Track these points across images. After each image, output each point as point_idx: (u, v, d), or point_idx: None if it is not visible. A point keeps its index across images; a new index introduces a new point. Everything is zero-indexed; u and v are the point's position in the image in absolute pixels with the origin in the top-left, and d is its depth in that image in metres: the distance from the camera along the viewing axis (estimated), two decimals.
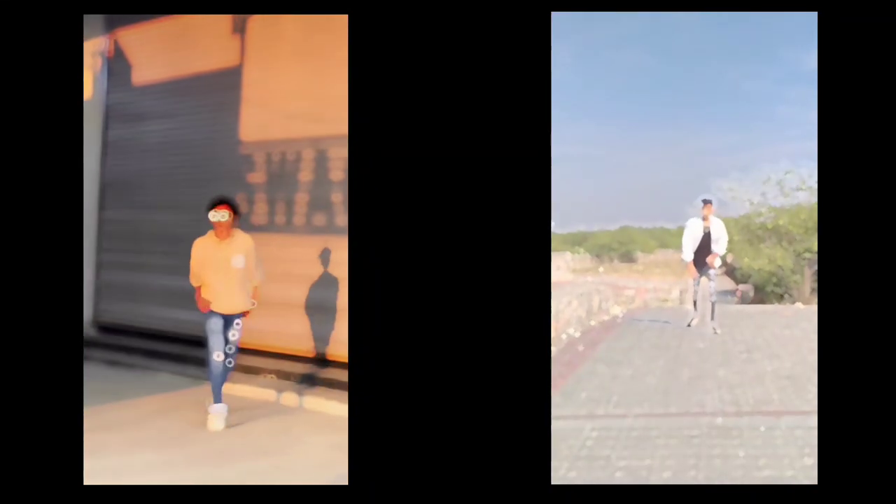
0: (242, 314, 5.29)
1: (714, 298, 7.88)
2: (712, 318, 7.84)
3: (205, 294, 5.24)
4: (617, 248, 59.52)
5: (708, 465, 3.60)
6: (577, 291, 9.17)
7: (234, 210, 5.25)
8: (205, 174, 7.78)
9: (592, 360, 6.54)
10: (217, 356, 5.19)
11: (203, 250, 5.24)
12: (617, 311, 11.39)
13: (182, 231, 7.78)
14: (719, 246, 7.93)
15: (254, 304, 5.36)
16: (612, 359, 6.55)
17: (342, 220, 6.72)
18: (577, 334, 8.28)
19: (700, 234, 7.96)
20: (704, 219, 8.01)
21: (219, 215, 5.16)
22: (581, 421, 4.43)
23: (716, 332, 7.66)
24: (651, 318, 9.76)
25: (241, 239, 5.31)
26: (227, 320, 5.23)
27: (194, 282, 5.30)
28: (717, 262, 8.05)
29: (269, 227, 7.11)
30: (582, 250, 58.40)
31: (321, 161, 6.88)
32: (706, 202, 8.04)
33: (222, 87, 7.64)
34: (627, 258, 58.78)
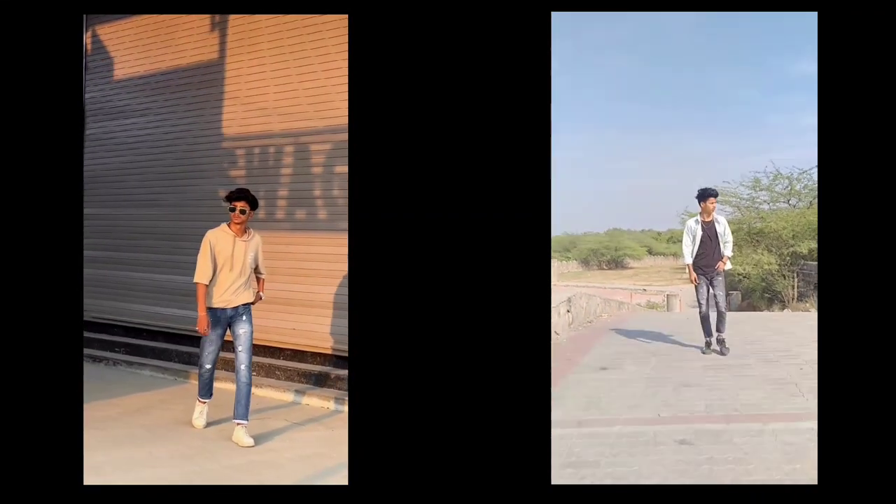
0: (251, 304, 5.09)
1: (722, 308, 6.86)
2: (719, 330, 6.91)
3: (212, 290, 4.94)
4: (606, 254, 59.96)
5: (696, 471, 3.59)
6: (564, 297, 9.16)
7: (253, 204, 5.04)
8: (185, 170, 7.74)
9: (581, 366, 6.53)
10: (207, 368, 5.10)
11: (222, 245, 4.98)
12: (606, 316, 11.40)
13: (163, 226, 7.85)
14: (728, 248, 6.87)
15: (262, 296, 5.25)
16: (601, 365, 6.54)
17: (323, 214, 6.70)
18: (566, 341, 8.27)
19: (700, 234, 6.84)
20: (705, 214, 6.87)
21: (239, 209, 4.94)
22: (569, 428, 4.41)
23: (723, 350, 6.80)
24: (640, 324, 9.78)
25: (255, 235, 5.16)
26: (233, 314, 5.01)
27: (202, 278, 4.94)
28: (728, 265, 7.00)
29: (250, 221, 7.04)
30: (570, 256, 58.79)
31: (303, 156, 6.85)
32: (707, 195, 6.83)
33: (202, 82, 7.61)
34: (617, 264, 59.19)
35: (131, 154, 8.29)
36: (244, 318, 5.03)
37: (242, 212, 4.97)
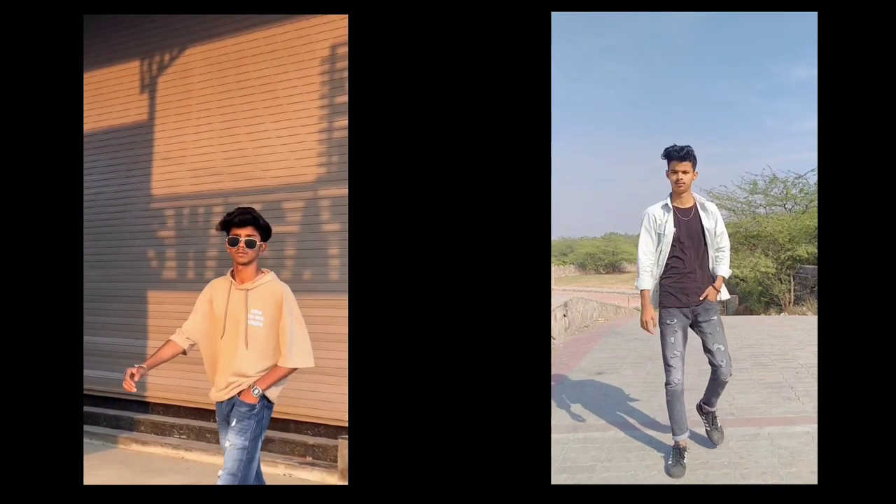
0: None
1: (726, 373, 3.87)
2: (708, 403, 4.07)
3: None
4: (603, 258, 60.14)
5: (692, 475, 3.59)
6: (561, 302, 9.17)
7: (264, 233, 3.44)
8: (115, 230, 7.62)
9: (577, 371, 6.53)
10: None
11: (218, 297, 3.53)
12: (602, 321, 11.41)
13: (91, 287, 7.34)
14: (723, 258, 3.82)
15: (260, 392, 3.47)
16: (597, 370, 6.54)
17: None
18: (562, 345, 8.27)
19: (670, 231, 3.73)
20: (677, 192, 3.73)
21: (243, 240, 3.36)
22: (565, 433, 4.40)
23: (714, 433, 4.04)
24: (636, 328, 9.77)
25: (270, 282, 3.53)
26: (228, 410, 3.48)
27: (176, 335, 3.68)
28: (724, 295, 3.89)
29: (178, 283, 6.94)
30: (567, 260, 58.92)
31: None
32: (679, 155, 3.66)
33: (132, 142, 7.56)
34: (614, 268, 59.36)
35: None
36: (235, 419, 3.34)
37: (250, 244, 3.35)
